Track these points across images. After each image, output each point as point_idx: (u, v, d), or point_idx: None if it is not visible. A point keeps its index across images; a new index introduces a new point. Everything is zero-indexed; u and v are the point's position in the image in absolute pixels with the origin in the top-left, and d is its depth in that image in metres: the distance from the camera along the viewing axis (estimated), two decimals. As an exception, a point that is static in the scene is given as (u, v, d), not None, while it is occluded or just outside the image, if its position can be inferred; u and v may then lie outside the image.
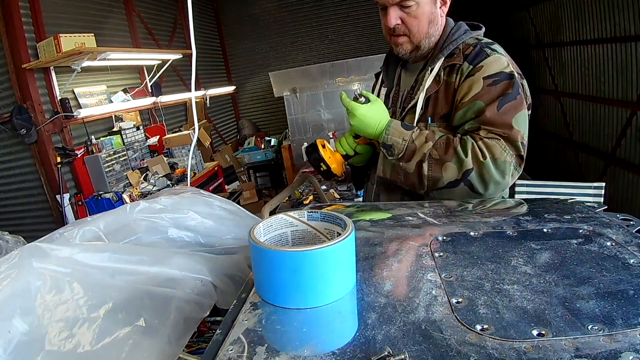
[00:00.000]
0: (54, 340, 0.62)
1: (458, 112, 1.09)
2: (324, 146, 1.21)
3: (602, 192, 3.04)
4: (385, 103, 1.23)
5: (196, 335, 0.78)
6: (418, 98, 1.15)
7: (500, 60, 1.08)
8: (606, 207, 2.72)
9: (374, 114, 1.11)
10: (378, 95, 1.33)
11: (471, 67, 1.08)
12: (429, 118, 1.14)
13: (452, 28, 1.17)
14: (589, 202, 2.58)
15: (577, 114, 4.74)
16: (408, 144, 1.08)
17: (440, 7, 1.15)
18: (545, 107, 5.45)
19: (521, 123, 1.05)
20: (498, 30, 6.20)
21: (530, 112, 1.13)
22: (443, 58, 1.13)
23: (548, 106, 5.38)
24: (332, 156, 1.21)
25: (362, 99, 1.14)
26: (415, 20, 1.12)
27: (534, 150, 5.72)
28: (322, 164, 1.20)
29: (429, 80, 1.14)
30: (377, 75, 1.43)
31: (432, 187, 1.07)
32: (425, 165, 1.05)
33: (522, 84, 1.10)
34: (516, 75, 1.08)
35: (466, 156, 1.02)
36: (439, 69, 1.13)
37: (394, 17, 1.11)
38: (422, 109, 1.15)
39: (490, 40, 1.15)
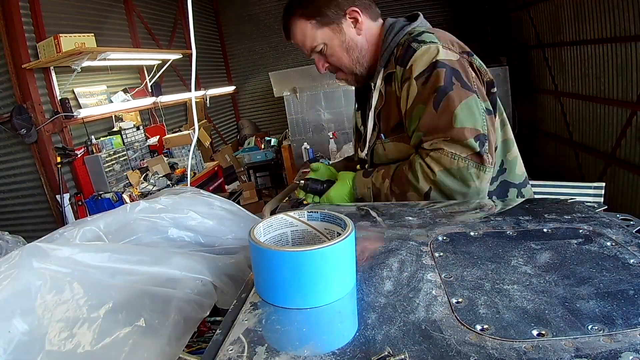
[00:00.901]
0: (54, 340, 0.62)
1: (407, 122, 1.02)
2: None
3: (602, 192, 3.04)
4: (363, 122, 1.24)
5: (196, 335, 0.78)
6: (369, 117, 1.15)
7: (428, 51, 0.96)
8: (606, 207, 2.72)
9: (340, 187, 1.13)
10: (354, 119, 1.34)
11: (402, 69, 1.00)
12: (382, 135, 1.11)
13: (387, 30, 1.09)
14: (589, 202, 2.58)
15: (577, 114, 4.73)
16: (373, 191, 1.08)
17: (354, 28, 1.09)
18: (545, 107, 5.45)
19: (465, 117, 0.92)
20: (498, 30, 6.22)
21: (494, 90, 1.02)
22: (382, 69, 1.08)
23: (548, 106, 5.38)
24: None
25: (304, 182, 1.20)
26: (334, 58, 1.10)
27: (534, 150, 5.75)
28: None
29: (374, 98, 1.11)
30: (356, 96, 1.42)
31: None
32: (393, 199, 1.04)
33: (466, 63, 0.98)
34: (446, 60, 0.95)
35: (418, 182, 0.98)
36: (381, 83, 1.08)
37: (319, 63, 1.13)
38: (375, 126, 1.13)
39: (422, 29, 1.04)
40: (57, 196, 3.61)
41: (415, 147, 1.02)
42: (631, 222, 0.76)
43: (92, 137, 3.97)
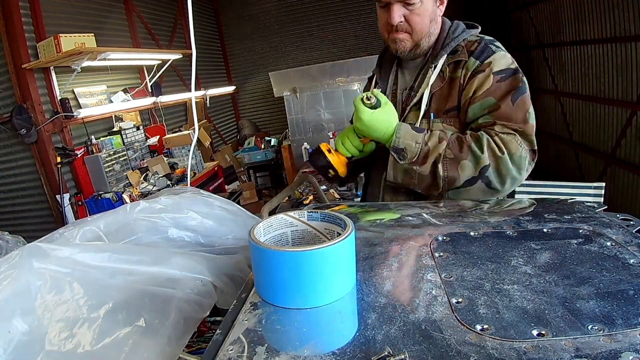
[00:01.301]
0: (54, 340, 0.62)
1: (470, 107, 1.09)
2: (329, 151, 1.16)
3: (602, 192, 3.04)
4: None
5: (196, 335, 0.78)
6: (423, 95, 1.14)
7: (506, 57, 1.10)
8: (606, 207, 2.72)
9: (383, 118, 1.07)
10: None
11: (478, 62, 1.09)
12: (432, 114, 1.14)
13: (451, 27, 1.18)
14: (589, 202, 2.58)
15: (577, 114, 4.73)
16: (421, 147, 1.05)
17: (438, 7, 1.16)
18: (545, 107, 5.45)
19: (533, 118, 1.07)
20: (498, 30, 6.21)
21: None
22: (446, 55, 1.14)
23: (548, 106, 5.38)
24: (337, 160, 1.16)
25: (373, 100, 1.08)
26: (419, 18, 1.12)
27: (534, 150, 5.74)
28: (330, 169, 1.15)
29: (433, 77, 1.13)
30: (370, 79, 1.43)
31: (449, 187, 1.05)
32: (440, 166, 1.03)
33: (524, 81, 1.12)
34: (520, 70, 1.10)
35: (482, 152, 1.01)
36: (443, 66, 1.14)
37: (397, 14, 1.11)
38: (426, 105, 1.14)
39: (491, 38, 1.16)
40: (57, 196, 3.61)
41: (476, 128, 1.08)
42: (631, 222, 0.76)
43: (92, 137, 3.97)
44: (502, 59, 1.09)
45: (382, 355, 0.44)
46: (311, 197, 2.87)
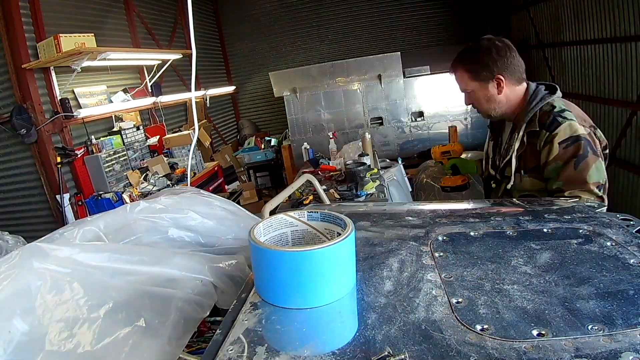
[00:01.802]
0: (54, 340, 0.62)
1: (545, 169, 1.32)
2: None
3: (602, 192, 3.04)
4: (493, 153, 1.59)
5: (196, 335, 0.78)
6: (511, 157, 1.40)
7: (571, 126, 1.28)
8: (606, 207, 2.72)
9: None
10: (487, 147, 1.71)
11: (547, 133, 1.30)
12: (522, 171, 1.39)
13: (532, 95, 1.40)
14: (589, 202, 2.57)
15: (577, 114, 4.73)
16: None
17: (497, 89, 1.39)
18: (545, 107, 5.44)
19: (594, 174, 1.25)
20: (498, 30, 6.21)
21: (607, 151, 1.35)
22: (524, 125, 1.37)
23: (548, 106, 5.38)
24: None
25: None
26: (475, 101, 1.46)
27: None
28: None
29: (517, 143, 1.39)
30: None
31: None
32: None
33: (594, 135, 1.29)
34: (584, 134, 1.27)
35: None
36: (523, 134, 1.37)
37: (465, 99, 1.48)
38: (516, 164, 1.40)
39: (562, 106, 1.34)
40: (57, 196, 3.61)
41: (551, 192, 1.31)
42: (631, 222, 0.76)
43: (92, 137, 3.97)
44: (567, 129, 1.27)
45: (382, 355, 0.44)
46: (311, 197, 2.87)
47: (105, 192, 3.79)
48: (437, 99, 5.28)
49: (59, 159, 3.58)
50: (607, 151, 1.37)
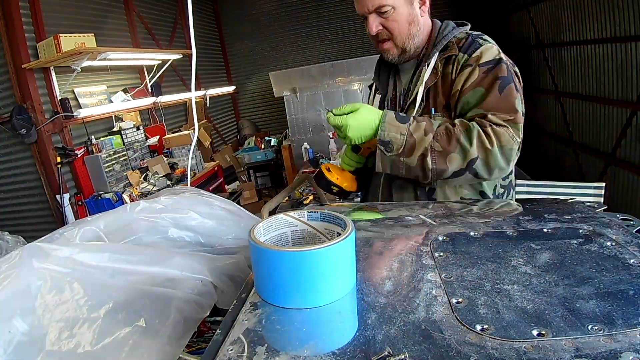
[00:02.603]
0: (54, 341, 0.62)
1: (460, 99, 1.11)
2: (328, 169, 1.25)
3: (602, 192, 3.04)
4: (381, 108, 1.25)
5: (196, 335, 0.78)
6: (417, 91, 1.18)
7: (492, 49, 1.12)
8: (606, 207, 2.72)
9: (362, 117, 1.09)
10: (372, 103, 1.37)
11: (466, 56, 1.12)
12: (432, 109, 1.17)
13: (441, 26, 1.22)
14: (589, 202, 2.58)
15: (577, 114, 4.73)
16: (407, 139, 1.06)
17: (420, 7, 1.18)
18: (545, 107, 5.45)
19: (521, 106, 1.08)
20: (498, 30, 6.22)
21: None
22: (437, 53, 1.17)
23: (548, 106, 5.38)
24: (340, 176, 1.24)
25: (347, 108, 1.13)
26: (395, 24, 1.16)
27: (534, 150, 5.74)
28: (332, 186, 1.24)
29: (427, 73, 1.17)
30: (370, 87, 1.47)
31: (437, 178, 1.08)
32: (428, 159, 1.05)
33: (514, 71, 1.13)
34: (506, 60, 1.11)
35: (470, 145, 1.03)
36: (436, 62, 1.17)
37: (374, 24, 1.16)
38: (422, 101, 1.17)
39: (479, 32, 1.19)
40: (57, 196, 3.61)
41: (469, 120, 1.08)
42: (631, 222, 0.76)
43: (92, 137, 3.97)
44: (489, 51, 1.11)
45: (382, 355, 0.44)
46: (311, 197, 2.87)
47: (105, 192, 3.80)
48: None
49: (59, 159, 3.59)
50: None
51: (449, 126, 1.07)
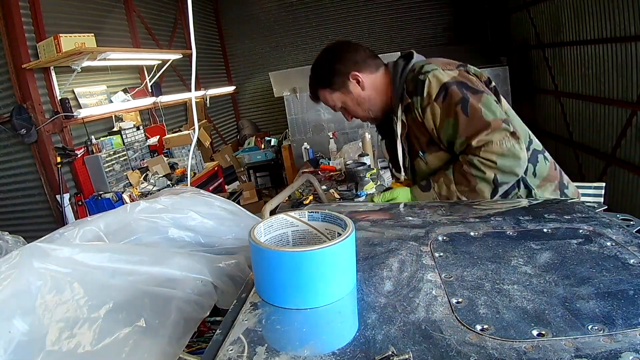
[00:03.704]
0: (54, 341, 0.62)
1: (440, 134, 1.21)
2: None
3: (602, 192, 3.04)
4: (388, 150, 1.46)
5: (196, 335, 0.78)
6: (397, 146, 1.32)
7: (435, 77, 1.18)
8: (606, 207, 2.71)
9: (402, 198, 1.27)
10: (380, 144, 1.57)
11: (419, 98, 1.20)
12: (420, 152, 1.29)
13: (392, 74, 1.31)
14: (589, 202, 2.57)
15: (577, 114, 4.73)
16: (441, 199, 1.19)
17: (358, 87, 1.31)
18: (545, 107, 5.44)
19: (489, 112, 1.13)
20: (498, 30, 6.22)
21: (492, 84, 1.25)
22: (399, 104, 1.27)
23: (548, 106, 5.38)
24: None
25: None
26: (350, 110, 1.36)
27: (534, 150, 5.73)
28: None
29: (399, 129, 1.30)
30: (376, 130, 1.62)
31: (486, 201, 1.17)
32: (463, 199, 1.17)
33: (466, 73, 1.20)
34: (450, 80, 1.16)
35: (484, 173, 1.13)
36: (400, 113, 1.28)
37: (346, 116, 1.40)
38: (407, 149, 1.32)
39: (421, 63, 1.25)
40: (57, 196, 3.61)
41: (461, 151, 1.19)
42: (631, 222, 0.76)
43: (92, 137, 3.97)
44: (432, 84, 1.17)
45: (385, 355, 0.44)
46: (311, 197, 2.87)
47: (105, 192, 3.79)
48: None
49: (59, 159, 3.58)
50: (493, 84, 1.26)
51: (457, 169, 1.18)
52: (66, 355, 0.61)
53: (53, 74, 3.65)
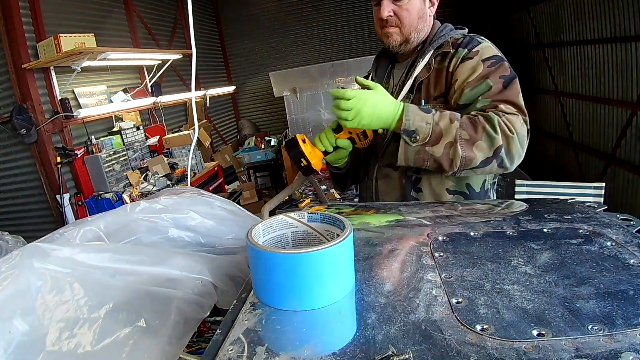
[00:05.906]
0: (54, 341, 0.62)
1: (465, 91, 1.12)
2: (304, 141, 1.18)
3: (602, 192, 3.04)
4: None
5: (196, 335, 0.78)
6: (406, 83, 1.22)
7: (492, 47, 1.17)
8: (606, 207, 2.72)
9: (385, 100, 1.06)
10: None
11: (466, 51, 1.15)
12: (423, 101, 1.20)
13: (440, 27, 1.27)
14: (589, 202, 2.58)
15: (577, 114, 4.74)
16: (432, 127, 1.05)
17: (429, 7, 1.25)
18: (545, 107, 5.44)
19: (522, 101, 1.11)
20: (498, 30, 6.21)
21: None
22: (432, 50, 1.22)
23: (548, 106, 5.38)
24: (312, 151, 1.18)
25: (370, 82, 1.09)
26: (407, 13, 1.21)
27: (534, 150, 5.74)
28: (302, 159, 1.16)
29: (419, 68, 1.22)
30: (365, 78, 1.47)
31: (464, 167, 1.05)
32: (458, 147, 1.03)
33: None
34: (503, 57, 1.15)
35: (496, 133, 1.02)
36: (430, 58, 1.21)
37: (387, 9, 1.20)
38: (411, 93, 1.22)
39: (476, 34, 1.23)
40: (57, 196, 3.61)
41: (481, 110, 1.10)
42: (631, 222, 0.77)
43: (92, 137, 3.97)
44: (489, 48, 1.15)
45: (386, 355, 0.44)
46: (308, 200, 2.87)
47: (105, 192, 3.80)
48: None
49: (59, 159, 3.59)
50: None
51: (470, 115, 1.07)
52: (66, 355, 0.61)
53: (53, 74, 3.65)
